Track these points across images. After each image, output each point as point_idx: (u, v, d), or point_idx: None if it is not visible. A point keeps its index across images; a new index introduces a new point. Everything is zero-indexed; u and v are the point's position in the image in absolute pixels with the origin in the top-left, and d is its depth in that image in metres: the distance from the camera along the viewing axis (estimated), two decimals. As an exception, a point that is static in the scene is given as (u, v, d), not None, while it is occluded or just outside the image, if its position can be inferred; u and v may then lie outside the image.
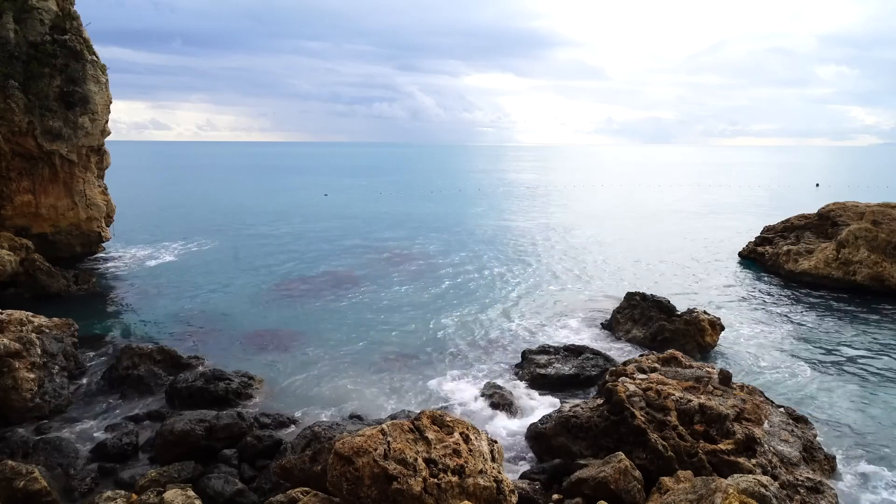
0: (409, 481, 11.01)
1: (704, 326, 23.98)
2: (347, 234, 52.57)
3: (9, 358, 17.92)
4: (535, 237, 51.57)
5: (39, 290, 30.26)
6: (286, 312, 29.11)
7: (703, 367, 17.99)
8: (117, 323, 27.63)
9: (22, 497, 13.07)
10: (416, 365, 22.69)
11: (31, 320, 20.42)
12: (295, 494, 12.58)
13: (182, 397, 18.94)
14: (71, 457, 15.47)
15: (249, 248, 45.51)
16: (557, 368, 20.88)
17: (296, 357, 23.31)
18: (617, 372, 17.56)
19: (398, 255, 43.21)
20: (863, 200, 41.83)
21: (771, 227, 42.81)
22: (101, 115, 35.62)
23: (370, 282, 35.17)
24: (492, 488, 11.64)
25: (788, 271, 36.10)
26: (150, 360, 21.02)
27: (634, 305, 26.00)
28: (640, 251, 45.01)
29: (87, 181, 36.34)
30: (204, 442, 15.77)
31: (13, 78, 31.88)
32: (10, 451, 15.43)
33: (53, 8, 34.13)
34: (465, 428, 12.65)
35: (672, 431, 14.39)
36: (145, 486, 13.83)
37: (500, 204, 79.66)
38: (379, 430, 11.93)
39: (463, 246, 46.85)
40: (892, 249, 32.55)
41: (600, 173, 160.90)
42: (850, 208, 38.54)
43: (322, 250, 44.78)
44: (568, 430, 15.77)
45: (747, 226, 55.38)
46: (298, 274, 37.31)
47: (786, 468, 13.91)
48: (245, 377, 20.31)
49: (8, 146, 32.70)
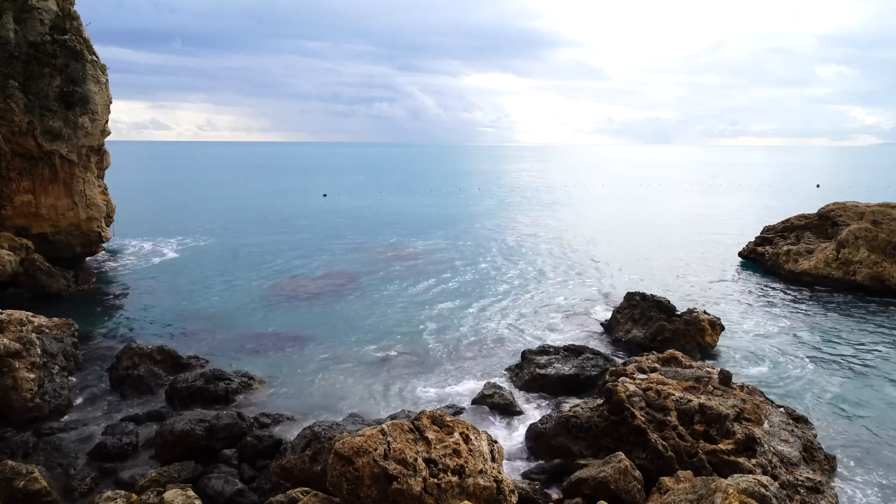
0: (409, 481, 11.01)
1: (704, 326, 23.97)
2: (347, 233, 52.58)
3: (9, 358, 17.92)
4: (535, 237, 51.58)
5: (39, 290, 30.27)
6: (286, 312, 29.11)
7: (703, 367, 17.99)
8: (117, 323, 27.63)
9: (22, 497, 13.07)
10: (416, 365, 22.69)
11: (31, 320, 20.42)
12: (295, 494, 12.58)
13: (182, 397, 18.94)
14: (71, 457, 15.47)
15: (249, 247, 45.52)
16: (557, 368, 20.87)
17: (296, 357, 23.31)
18: (617, 372, 17.56)
19: (398, 255, 43.21)
20: (863, 200, 41.83)
21: (771, 227, 42.80)
22: (101, 115, 35.62)
23: (370, 281, 35.18)
24: (492, 488, 11.64)
25: (788, 271, 36.10)
26: (150, 360, 21.02)
27: (634, 305, 25.99)
28: (640, 251, 45.01)
29: (87, 181, 36.34)
30: (204, 442, 15.76)
31: (13, 78, 31.87)
32: (10, 451, 15.44)
33: (53, 8, 34.13)
34: (465, 428, 12.65)
35: (672, 431, 14.39)
36: (145, 486, 13.83)
37: (500, 204, 79.68)
38: (379, 430, 11.93)
39: (463, 246, 46.87)
40: (892, 249, 32.56)
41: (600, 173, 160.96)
42: (850, 208, 38.54)
43: (322, 250, 44.78)
44: (568, 430, 15.77)
45: (747, 226, 55.37)
46: (298, 274, 37.31)
47: (786, 468, 13.91)
48: (245, 377, 20.32)
49: (8, 146, 32.69)
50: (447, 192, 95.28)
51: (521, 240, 50.11)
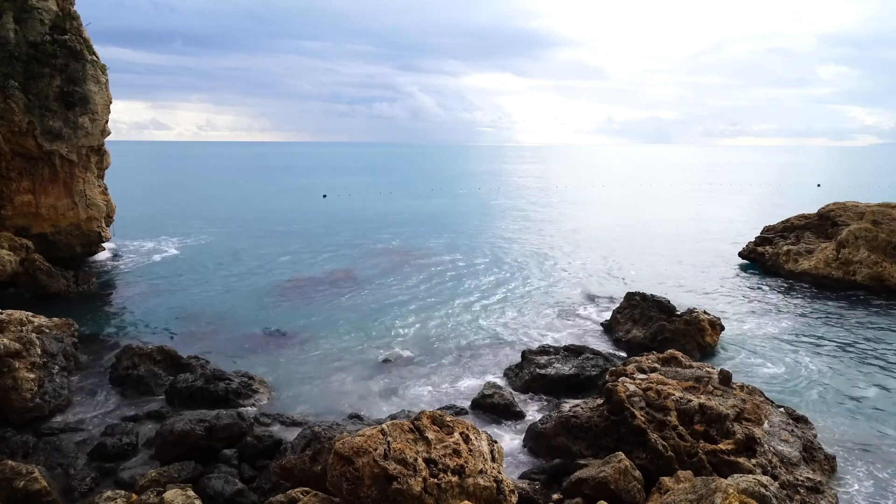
0: (409, 481, 11.01)
1: (704, 326, 23.98)
2: (347, 233, 52.58)
3: (9, 358, 17.92)
4: (536, 237, 51.59)
5: (39, 290, 30.27)
6: (286, 312, 29.10)
7: (703, 367, 17.99)
8: (117, 323, 27.63)
9: (22, 497, 13.07)
10: (416, 365, 22.69)
11: (31, 320, 20.43)
12: (295, 494, 12.58)
13: (182, 397, 18.93)
14: (71, 457, 15.47)
15: (249, 248, 45.51)
16: (557, 368, 20.87)
17: (296, 357, 23.31)
18: (617, 372, 17.56)
19: (398, 255, 43.21)
20: (863, 200, 41.83)
21: (771, 227, 42.79)
22: (101, 115, 35.62)
23: (370, 281, 35.18)
24: (492, 488, 11.64)
25: (788, 271, 36.10)
26: (150, 360, 21.01)
27: (634, 305, 25.99)
28: (640, 251, 45.01)
29: (87, 181, 36.34)
30: (204, 442, 15.76)
31: (13, 78, 31.88)
32: (10, 451, 15.44)
33: (53, 8, 34.13)
34: (465, 428, 12.65)
35: (672, 431, 14.39)
36: (145, 486, 13.82)
37: (500, 204, 79.68)
38: (379, 430, 11.93)
39: (462, 246, 46.87)
40: (892, 249, 32.56)
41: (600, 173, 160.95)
42: (850, 208, 38.53)
43: (322, 250, 44.78)
44: (568, 430, 15.77)
45: (747, 226, 55.35)
46: (298, 274, 37.30)
47: (786, 468, 13.91)
48: (245, 377, 20.30)
49: (8, 146, 32.70)
50: (447, 192, 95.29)
51: (521, 240, 50.12)
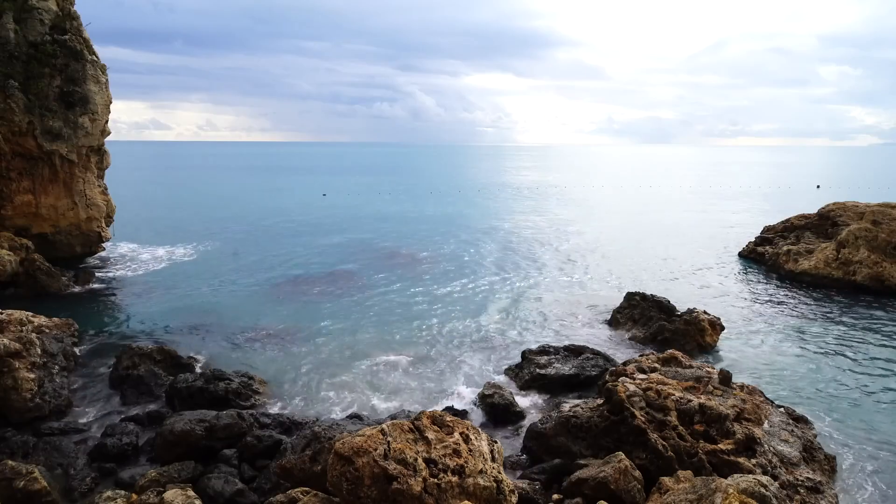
0: (409, 481, 11.01)
1: (704, 326, 23.98)
2: (347, 233, 52.58)
3: (9, 358, 17.92)
4: (536, 237, 51.57)
5: (39, 290, 30.28)
6: (286, 312, 29.10)
7: (703, 367, 17.99)
8: (117, 323, 27.63)
9: (22, 497, 13.06)
10: (416, 365, 22.69)
11: (31, 320, 20.43)
12: (295, 494, 12.57)
13: (182, 397, 18.93)
14: (71, 457, 15.46)
15: (249, 248, 45.52)
16: (557, 368, 20.88)
17: (296, 357, 23.31)
18: (617, 372, 17.55)
19: (398, 255, 43.21)
20: (863, 200, 41.83)
21: (771, 227, 42.82)
22: (101, 115, 35.61)
23: (370, 282, 35.18)
24: (492, 488, 11.63)
25: (788, 271, 36.10)
26: (150, 360, 21.02)
27: (634, 305, 26.00)
28: (640, 251, 45.01)
29: (87, 181, 36.33)
30: (204, 442, 15.77)
31: (13, 78, 31.87)
32: (10, 451, 15.44)
33: (53, 8, 34.12)
34: (465, 428, 12.64)
35: (672, 431, 14.38)
36: (145, 486, 13.82)
37: (500, 204, 79.68)
38: (379, 430, 11.92)
39: (462, 246, 46.87)
40: (892, 249, 32.55)
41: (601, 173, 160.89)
42: (850, 208, 38.55)
43: (321, 250, 44.78)
44: (568, 430, 15.76)
45: (747, 226, 55.38)
46: (298, 274, 37.30)
47: (786, 468, 13.91)
48: (245, 377, 20.30)
49: (8, 146, 32.69)
50: (447, 193, 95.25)
51: (521, 240, 50.11)
